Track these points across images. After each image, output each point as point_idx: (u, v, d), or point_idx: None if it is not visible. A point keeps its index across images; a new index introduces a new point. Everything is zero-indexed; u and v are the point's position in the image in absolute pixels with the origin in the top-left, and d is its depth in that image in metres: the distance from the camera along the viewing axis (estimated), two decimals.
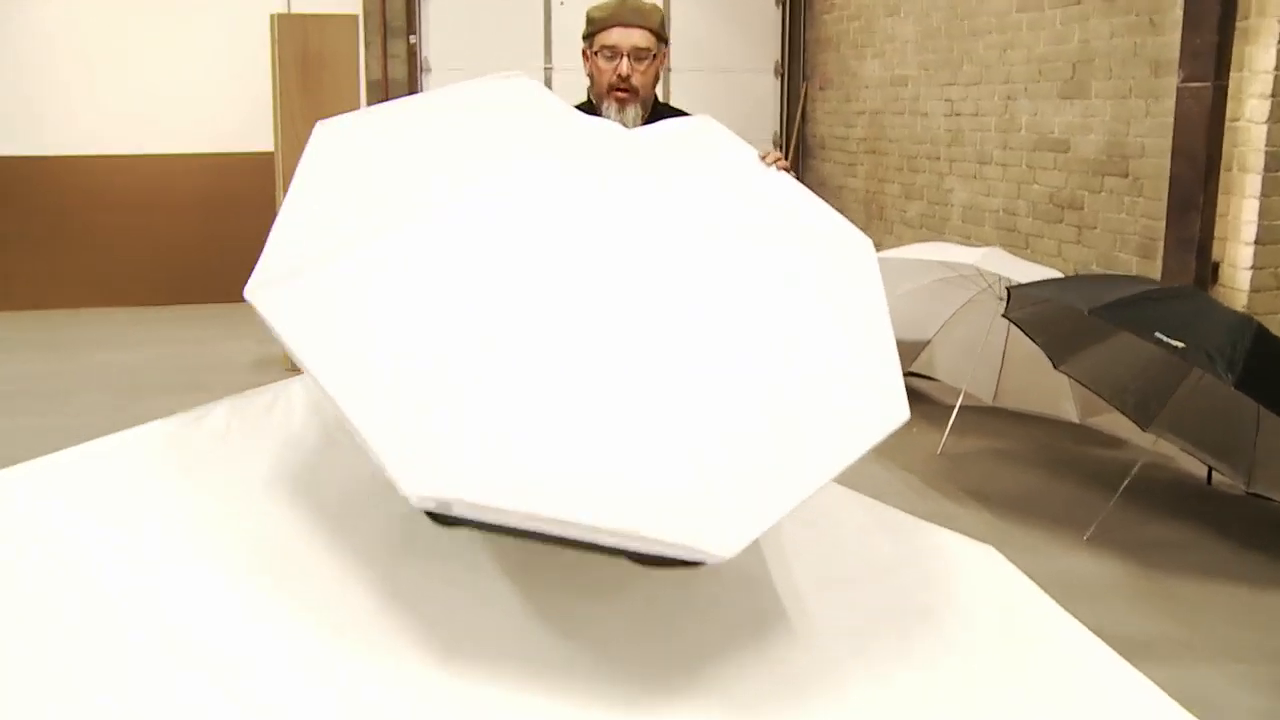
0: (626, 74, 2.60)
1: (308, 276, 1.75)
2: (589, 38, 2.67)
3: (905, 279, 5.23)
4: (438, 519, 1.80)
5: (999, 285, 4.93)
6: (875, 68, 8.25)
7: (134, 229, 8.20)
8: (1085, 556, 3.89)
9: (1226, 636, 3.34)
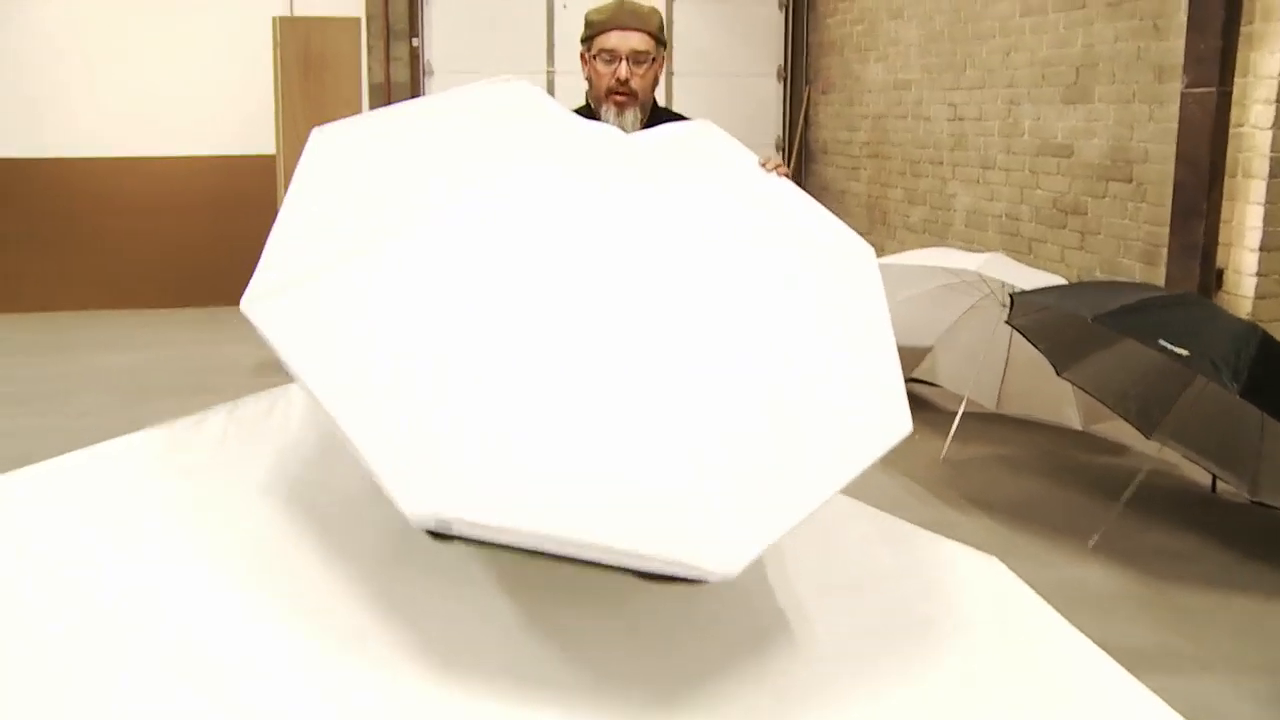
0: (625, 77, 2.58)
1: (303, 290, 1.74)
2: (587, 41, 2.66)
3: (907, 285, 5.21)
4: (435, 534, 1.79)
5: (1001, 291, 4.91)
6: (878, 72, 8.24)
7: (137, 231, 8.20)
8: (1089, 565, 3.87)
9: (1231, 647, 3.32)
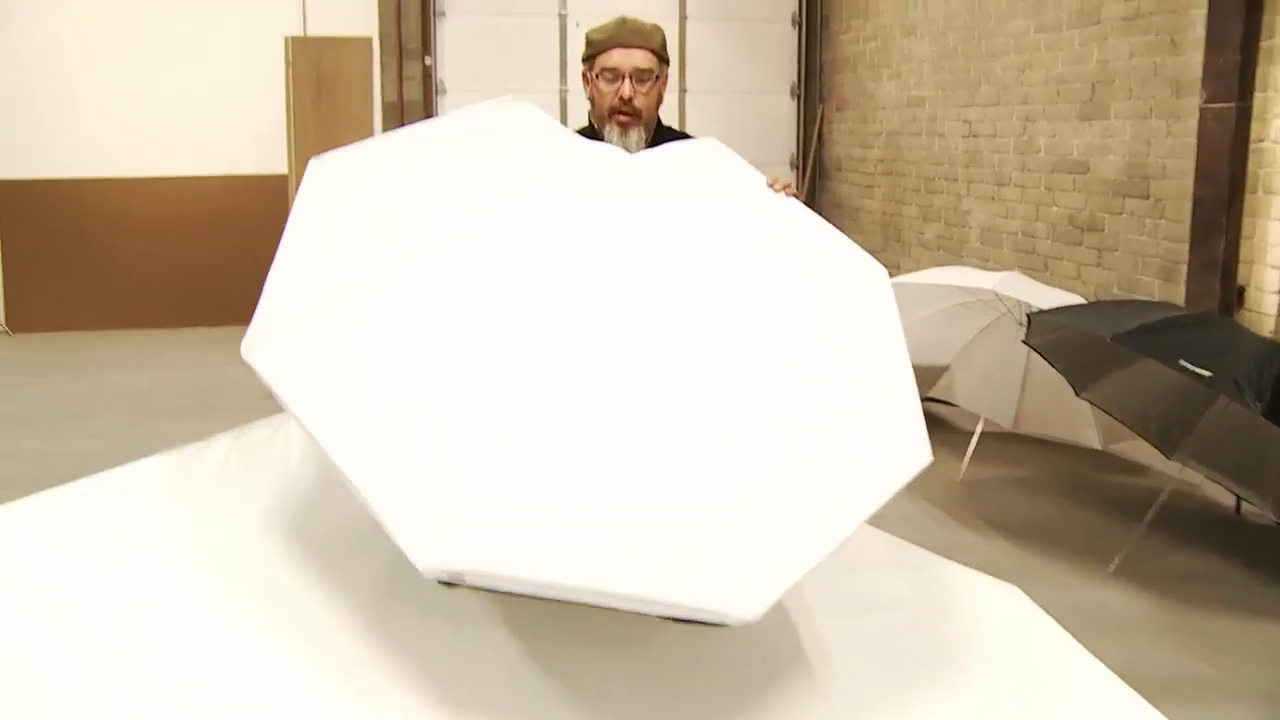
0: (629, 96, 2.55)
1: (304, 331, 1.70)
2: (589, 60, 2.62)
3: (923, 304, 5.16)
4: (445, 582, 1.75)
5: (1018, 310, 4.85)
6: (892, 89, 8.20)
7: (148, 251, 8.22)
8: (1109, 589, 3.80)
9: (1256, 675, 3.24)
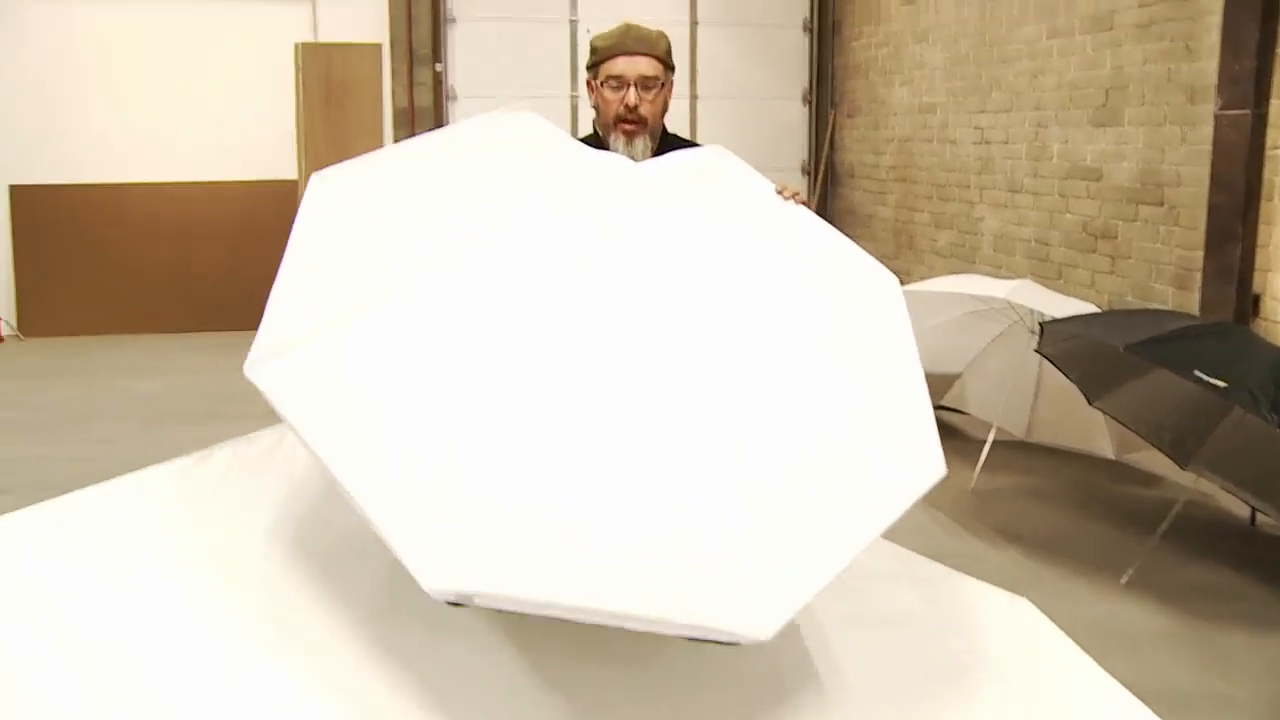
0: (634, 104, 2.52)
1: (308, 350, 1.69)
2: (593, 68, 2.60)
3: (935, 312, 5.12)
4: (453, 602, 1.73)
5: (1031, 318, 4.82)
6: (904, 95, 8.17)
7: (160, 256, 8.24)
8: (1122, 601, 3.75)
9: (1272, 690, 3.20)
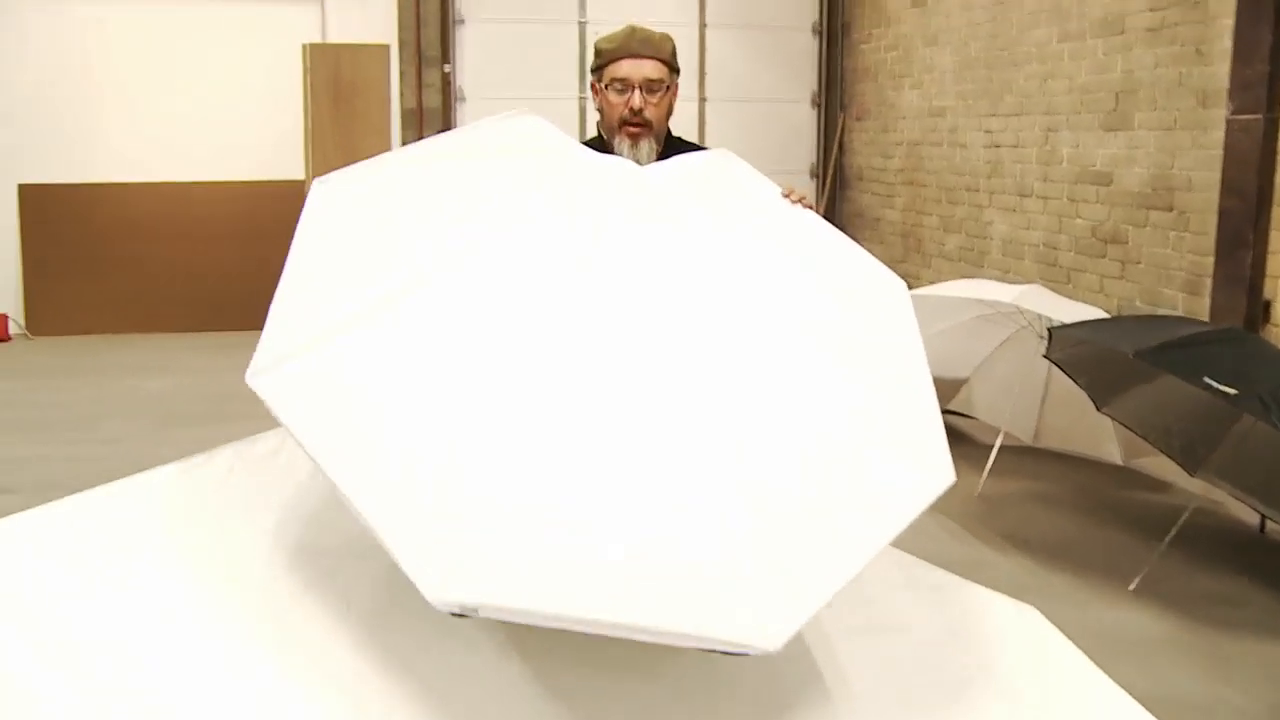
0: (639, 107, 2.50)
1: (310, 359, 1.68)
2: (597, 70, 2.58)
3: (942, 317, 5.10)
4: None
5: (1039, 323, 4.79)
6: (913, 98, 8.14)
7: (168, 256, 8.24)
8: (1130, 608, 3.73)
9: None
